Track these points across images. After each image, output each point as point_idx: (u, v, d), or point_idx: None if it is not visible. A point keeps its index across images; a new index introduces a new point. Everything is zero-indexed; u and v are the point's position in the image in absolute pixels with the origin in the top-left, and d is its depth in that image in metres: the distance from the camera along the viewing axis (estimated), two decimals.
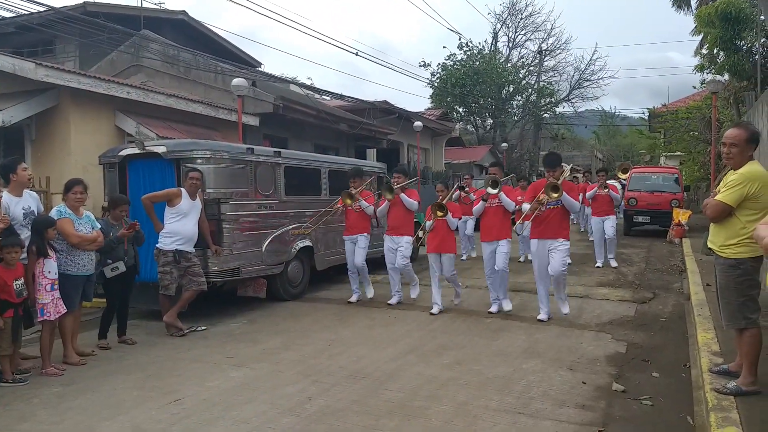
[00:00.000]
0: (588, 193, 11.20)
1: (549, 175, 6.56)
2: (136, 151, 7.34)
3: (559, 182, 6.36)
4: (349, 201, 7.92)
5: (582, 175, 15.28)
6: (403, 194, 7.71)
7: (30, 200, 5.38)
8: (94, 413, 4.25)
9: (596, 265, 10.84)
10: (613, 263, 10.95)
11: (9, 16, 13.08)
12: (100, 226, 5.79)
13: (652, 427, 3.92)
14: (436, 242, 7.36)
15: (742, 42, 13.66)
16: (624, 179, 16.19)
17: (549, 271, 6.65)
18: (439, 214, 7.19)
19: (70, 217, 5.48)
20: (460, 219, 8.07)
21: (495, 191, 6.86)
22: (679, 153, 21.28)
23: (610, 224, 10.95)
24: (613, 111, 48.33)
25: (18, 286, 4.90)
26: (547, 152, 10.54)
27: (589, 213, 13.39)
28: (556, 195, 6.31)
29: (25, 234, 5.15)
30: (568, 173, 7.53)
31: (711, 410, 3.73)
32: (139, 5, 16.24)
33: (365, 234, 8.13)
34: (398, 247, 7.73)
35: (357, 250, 8.05)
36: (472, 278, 9.62)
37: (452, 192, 9.11)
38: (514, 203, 7.20)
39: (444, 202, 7.28)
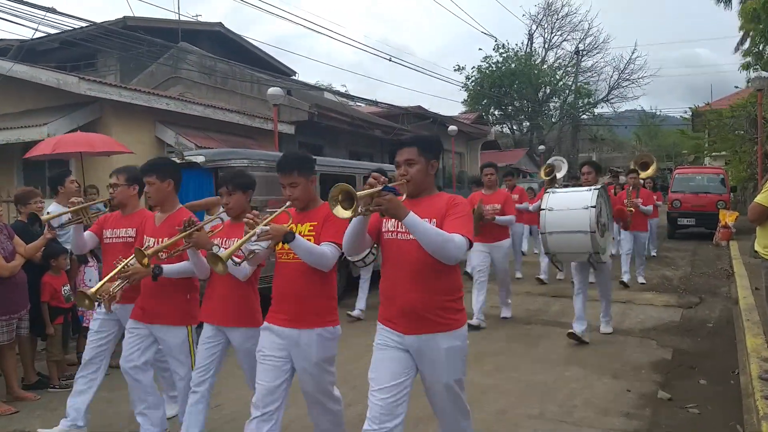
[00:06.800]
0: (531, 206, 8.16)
1: None
2: (175, 161, 7.50)
3: None
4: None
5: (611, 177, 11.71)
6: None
7: None
8: None
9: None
10: None
11: (53, 32, 13.51)
12: None
13: None
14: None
15: None
16: (645, 178, 11.49)
17: None
18: None
19: None
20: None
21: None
22: (724, 153, 20.62)
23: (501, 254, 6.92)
24: (653, 111, 47.11)
25: (65, 291, 5.11)
26: None
27: None
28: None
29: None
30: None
31: (762, 419, 3.60)
32: (177, 18, 16.64)
33: None
34: None
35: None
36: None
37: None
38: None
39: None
